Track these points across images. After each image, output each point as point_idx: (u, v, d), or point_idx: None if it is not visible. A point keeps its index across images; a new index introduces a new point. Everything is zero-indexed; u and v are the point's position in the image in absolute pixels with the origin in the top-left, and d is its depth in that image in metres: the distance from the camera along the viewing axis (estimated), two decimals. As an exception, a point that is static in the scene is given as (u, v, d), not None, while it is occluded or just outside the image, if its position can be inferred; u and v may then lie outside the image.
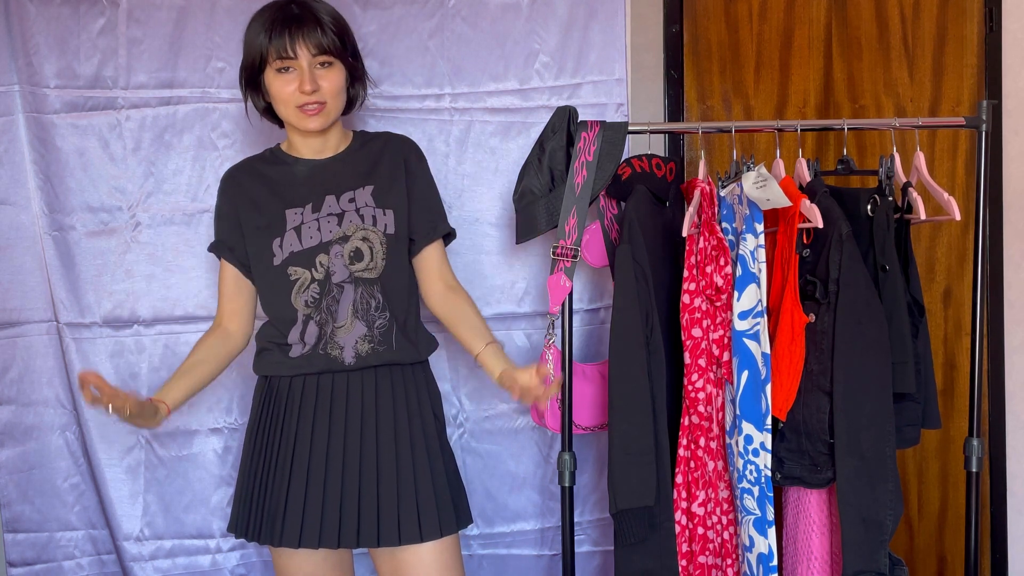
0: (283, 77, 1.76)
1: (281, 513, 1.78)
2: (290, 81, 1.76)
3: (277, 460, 1.81)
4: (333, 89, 1.79)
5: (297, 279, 1.80)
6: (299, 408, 1.81)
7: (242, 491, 1.86)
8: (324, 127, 1.82)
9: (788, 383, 1.85)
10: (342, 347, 1.80)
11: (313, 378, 1.81)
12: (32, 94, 2.22)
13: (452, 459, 1.91)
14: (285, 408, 1.82)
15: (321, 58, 1.76)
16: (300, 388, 1.82)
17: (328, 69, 1.78)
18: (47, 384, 2.29)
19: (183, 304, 2.29)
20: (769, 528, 1.86)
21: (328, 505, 1.77)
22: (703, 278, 1.89)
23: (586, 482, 2.37)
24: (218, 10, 2.24)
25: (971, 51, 2.46)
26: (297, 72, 1.75)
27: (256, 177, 1.89)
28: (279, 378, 1.84)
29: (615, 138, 1.96)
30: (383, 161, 1.88)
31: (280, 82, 1.77)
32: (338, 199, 1.83)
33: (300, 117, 1.79)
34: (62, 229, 2.25)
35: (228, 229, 1.89)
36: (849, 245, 1.82)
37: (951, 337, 2.54)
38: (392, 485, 1.78)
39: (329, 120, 1.82)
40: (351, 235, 1.81)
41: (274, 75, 1.77)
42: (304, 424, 1.80)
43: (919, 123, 1.95)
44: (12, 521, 2.31)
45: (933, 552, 2.60)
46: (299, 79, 1.75)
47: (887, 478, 1.84)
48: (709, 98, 2.57)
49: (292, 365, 1.81)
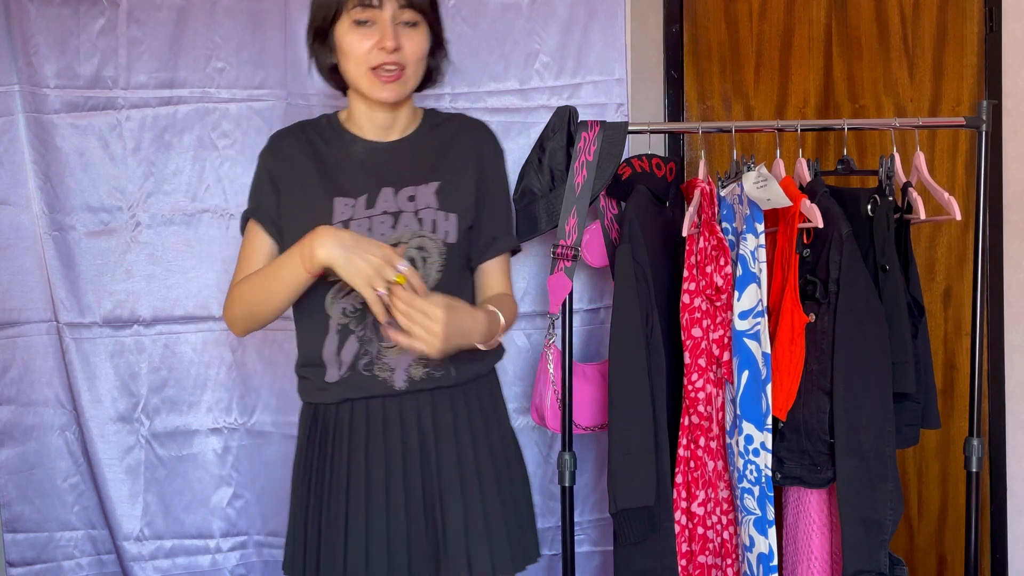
0: (359, 31, 1.50)
1: (342, 553, 1.56)
2: (368, 35, 1.50)
3: (331, 495, 1.59)
4: (416, 53, 1.53)
5: (336, 281, 1.55)
6: (348, 438, 1.58)
7: (296, 528, 1.64)
8: (398, 99, 1.57)
9: (788, 383, 1.85)
10: (392, 369, 1.57)
11: (361, 403, 1.58)
12: (32, 94, 2.22)
13: (525, 483, 1.72)
14: (333, 437, 1.59)
15: (407, 14, 1.51)
16: (348, 416, 1.58)
17: (413, 29, 1.52)
18: (47, 384, 2.29)
19: (183, 304, 2.29)
20: (769, 528, 1.85)
21: (394, 544, 1.56)
22: (703, 278, 1.89)
23: (586, 482, 2.37)
24: (218, 10, 2.24)
25: (971, 51, 2.46)
26: (377, 27, 1.50)
27: (307, 149, 1.62)
28: (323, 405, 1.61)
29: (615, 138, 1.95)
30: (453, 151, 1.64)
31: (355, 36, 1.50)
32: (396, 194, 1.57)
33: (372, 83, 1.53)
34: (62, 229, 2.25)
35: (269, 196, 1.62)
36: (849, 245, 1.82)
37: (951, 337, 2.54)
38: (459, 520, 1.58)
39: (405, 91, 1.57)
40: (405, 241, 1.56)
41: (349, 27, 1.51)
42: (356, 456, 1.57)
43: (919, 123, 1.95)
44: (12, 521, 2.31)
45: (933, 552, 2.60)
46: (379, 34, 1.49)
47: (887, 478, 1.84)
48: (709, 98, 2.57)
49: (334, 391, 1.58)
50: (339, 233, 1.45)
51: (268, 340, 2.32)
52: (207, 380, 2.32)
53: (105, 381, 2.29)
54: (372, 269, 1.41)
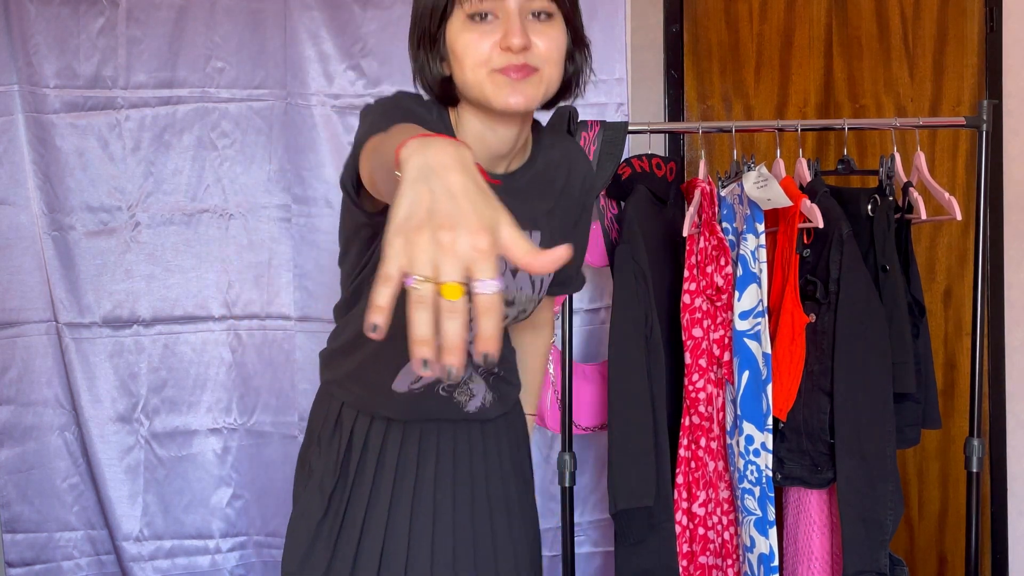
0: (477, 28, 1.14)
1: None
2: (488, 32, 1.13)
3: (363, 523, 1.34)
4: (553, 52, 1.16)
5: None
6: (417, 458, 1.34)
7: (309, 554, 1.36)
8: (532, 106, 1.18)
9: (789, 383, 1.85)
10: (474, 394, 1.34)
11: (415, 427, 1.33)
12: (32, 94, 2.22)
13: (536, 516, 1.54)
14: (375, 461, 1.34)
15: (538, 3, 1.14)
16: (399, 439, 1.33)
17: (546, 24, 1.15)
18: (46, 384, 2.29)
19: (183, 304, 2.29)
20: (770, 528, 1.85)
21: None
22: (703, 278, 1.88)
23: (586, 482, 2.37)
24: (218, 10, 2.23)
25: (972, 51, 2.46)
26: (500, 21, 1.13)
27: None
28: (368, 417, 1.33)
29: (615, 138, 1.95)
30: (563, 195, 1.34)
31: (472, 34, 1.14)
32: None
33: (499, 85, 1.14)
34: (62, 229, 2.25)
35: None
36: (850, 245, 1.82)
37: (951, 337, 2.53)
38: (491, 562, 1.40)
39: (540, 97, 1.17)
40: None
41: (463, 24, 1.15)
42: (425, 479, 1.35)
43: (919, 123, 1.95)
44: (11, 521, 2.31)
45: (933, 552, 2.60)
46: (503, 29, 1.13)
47: (887, 478, 1.84)
48: (709, 98, 2.57)
49: (403, 403, 1.31)
50: (444, 149, 0.77)
51: (268, 340, 2.32)
52: (207, 380, 2.31)
53: (105, 381, 2.28)
54: (430, 240, 0.69)
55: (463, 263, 0.68)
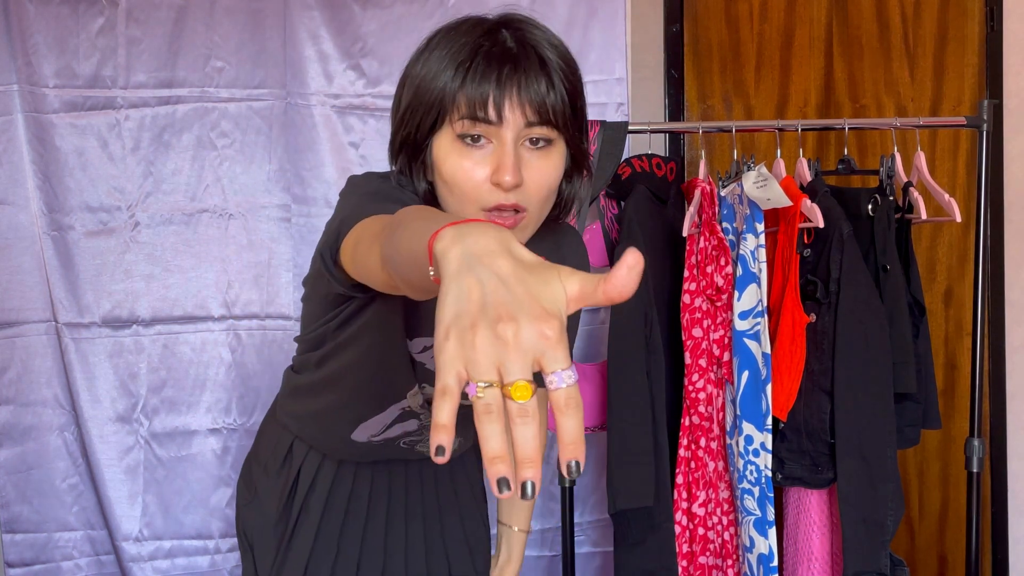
0: (467, 153, 1.04)
1: None
2: (479, 161, 1.04)
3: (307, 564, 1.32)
4: (542, 188, 1.06)
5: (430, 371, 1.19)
6: (368, 498, 1.33)
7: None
8: None
9: (789, 383, 1.85)
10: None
11: (367, 467, 1.32)
12: (31, 93, 2.22)
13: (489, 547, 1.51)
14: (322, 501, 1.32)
15: (537, 130, 1.04)
16: (350, 480, 1.32)
17: (543, 153, 1.05)
18: (46, 384, 2.29)
19: (182, 304, 2.29)
20: (770, 529, 1.85)
21: None
22: (703, 278, 1.88)
23: (586, 483, 2.37)
24: (217, 10, 2.23)
25: (972, 50, 2.45)
26: (493, 148, 1.03)
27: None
28: (320, 455, 1.32)
29: (615, 138, 1.95)
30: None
31: (461, 159, 1.04)
32: None
33: None
34: (61, 229, 2.24)
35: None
36: (850, 245, 1.82)
37: (952, 337, 2.53)
38: None
39: (524, 238, 1.10)
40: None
41: (452, 144, 1.04)
42: (376, 518, 1.34)
43: (920, 123, 1.95)
44: (10, 521, 2.31)
45: (934, 552, 2.60)
46: (496, 161, 1.03)
47: (888, 478, 1.83)
48: (709, 98, 2.57)
49: (359, 450, 1.29)
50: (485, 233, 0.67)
51: (267, 340, 2.32)
52: (206, 380, 2.31)
53: (104, 381, 2.28)
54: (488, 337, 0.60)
55: (530, 356, 0.59)
